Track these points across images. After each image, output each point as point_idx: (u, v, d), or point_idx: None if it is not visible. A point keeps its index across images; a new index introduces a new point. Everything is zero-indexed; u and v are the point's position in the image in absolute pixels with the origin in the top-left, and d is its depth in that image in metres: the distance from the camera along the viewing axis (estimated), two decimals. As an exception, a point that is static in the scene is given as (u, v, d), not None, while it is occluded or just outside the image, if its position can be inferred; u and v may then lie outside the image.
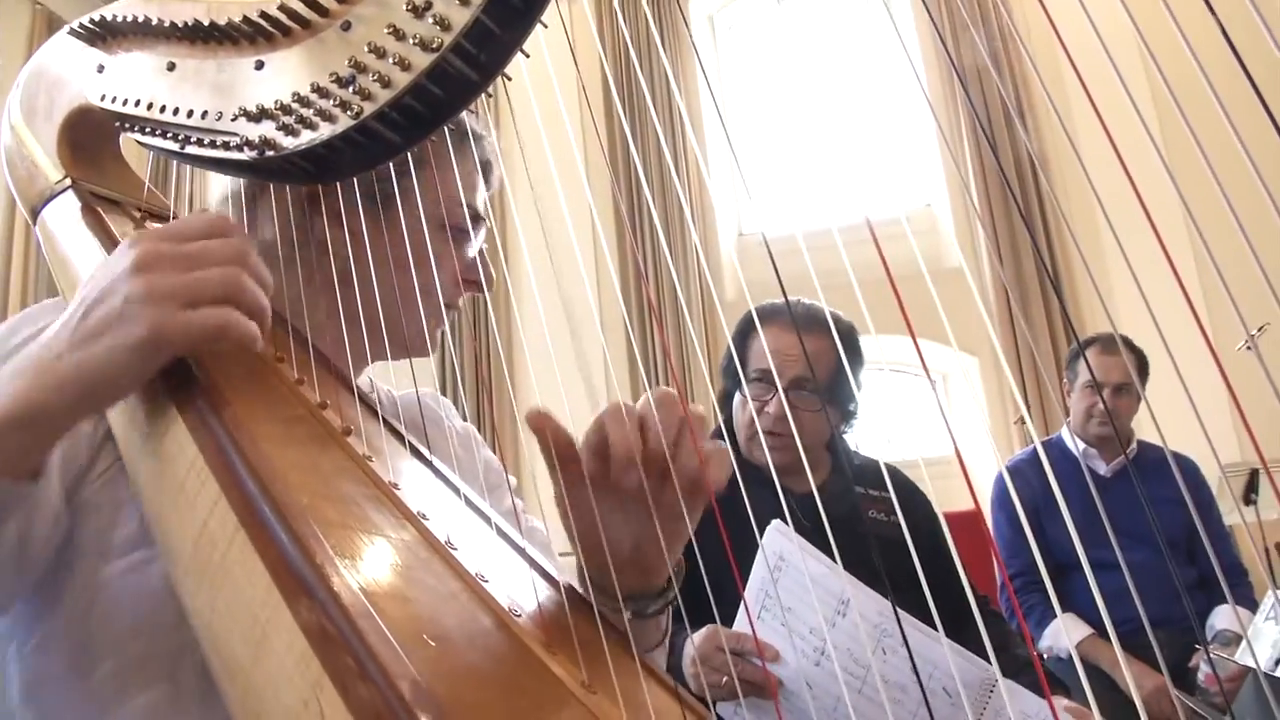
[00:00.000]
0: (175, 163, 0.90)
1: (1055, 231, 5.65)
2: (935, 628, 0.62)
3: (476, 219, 0.99)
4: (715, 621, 1.25)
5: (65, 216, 0.90)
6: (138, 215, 0.95)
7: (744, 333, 1.89)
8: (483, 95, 0.73)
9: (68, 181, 0.92)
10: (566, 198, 0.85)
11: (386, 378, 1.05)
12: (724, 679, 1.28)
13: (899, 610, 1.08)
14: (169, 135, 0.83)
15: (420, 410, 0.98)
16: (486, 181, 1.03)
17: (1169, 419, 0.74)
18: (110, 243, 0.85)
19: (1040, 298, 5.58)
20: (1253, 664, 1.93)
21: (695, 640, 1.32)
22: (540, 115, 0.78)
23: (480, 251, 1.02)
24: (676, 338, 5.90)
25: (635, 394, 1.06)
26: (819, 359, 1.81)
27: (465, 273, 0.99)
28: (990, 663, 1.15)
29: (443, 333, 1.00)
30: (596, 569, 0.79)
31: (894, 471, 1.98)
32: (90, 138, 0.95)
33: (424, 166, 0.89)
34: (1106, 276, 4.78)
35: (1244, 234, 0.48)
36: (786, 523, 1.16)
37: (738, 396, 1.89)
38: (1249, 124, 0.47)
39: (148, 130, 0.86)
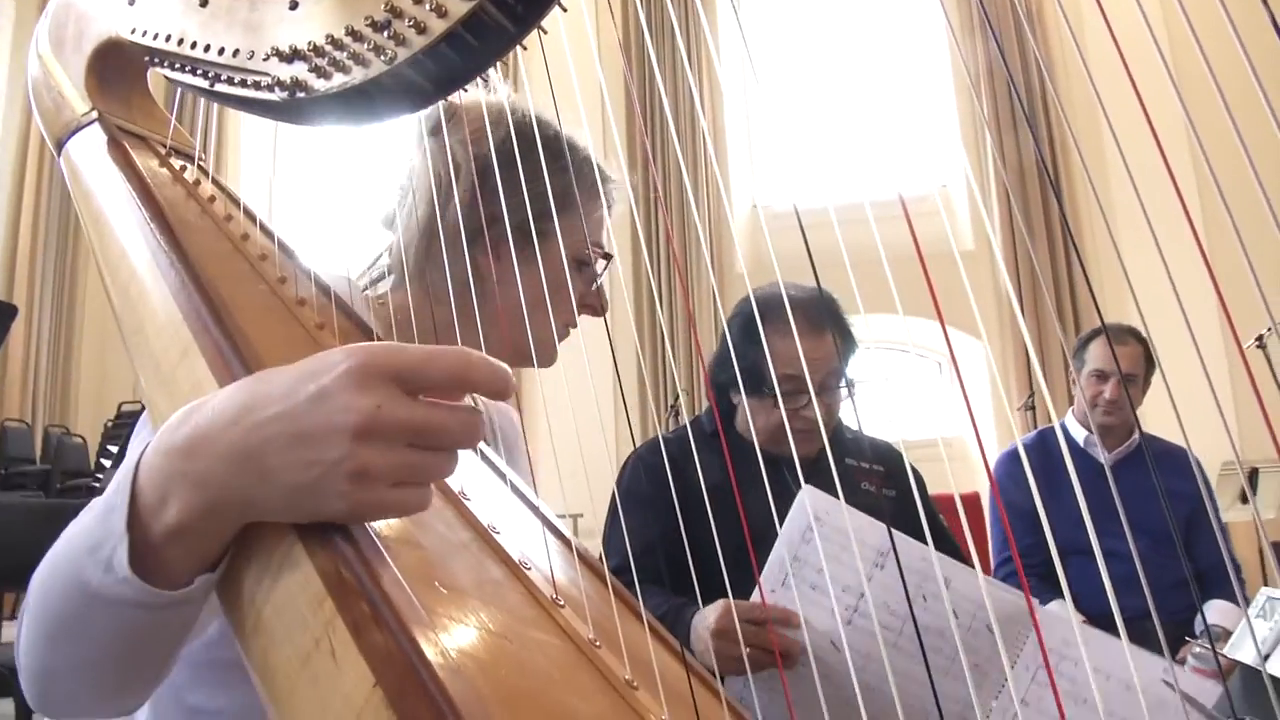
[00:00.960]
0: (203, 101, 0.89)
1: (1071, 219, 5.63)
2: None
3: (605, 256, 1.14)
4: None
5: (91, 150, 0.90)
6: (163, 151, 0.95)
7: (749, 332, 1.79)
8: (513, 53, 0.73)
9: (94, 114, 0.92)
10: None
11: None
12: (740, 651, 1.26)
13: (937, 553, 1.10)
14: (198, 72, 0.82)
15: None
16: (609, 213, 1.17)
17: (1171, 413, 0.74)
18: (135, 178, 0.85)
19: (1050, 287, 5.58)
20: (1243, 659, 1.94)
21: (709, 618, 1.31)
22: (559, 80, 0.79)
23: (600, 283, 1.15)
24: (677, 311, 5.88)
25: (643, 362, 1.11)
26: (834, 349, 1.79)
27: (586, 298, 1.13)
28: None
29: None
30: None
31: (884, 446, 1.98)
32: (118, 71, 0.94)
33: (567, 209, 1.04)
34: (1117, 271, 4.76)
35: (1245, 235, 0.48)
36: (797, 485, 1.16)
37: (754, 401, 1.81)
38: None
39: (177, 66, 0.85)
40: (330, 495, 0.54)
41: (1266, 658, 1.65)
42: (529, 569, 0.65)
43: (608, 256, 1.14)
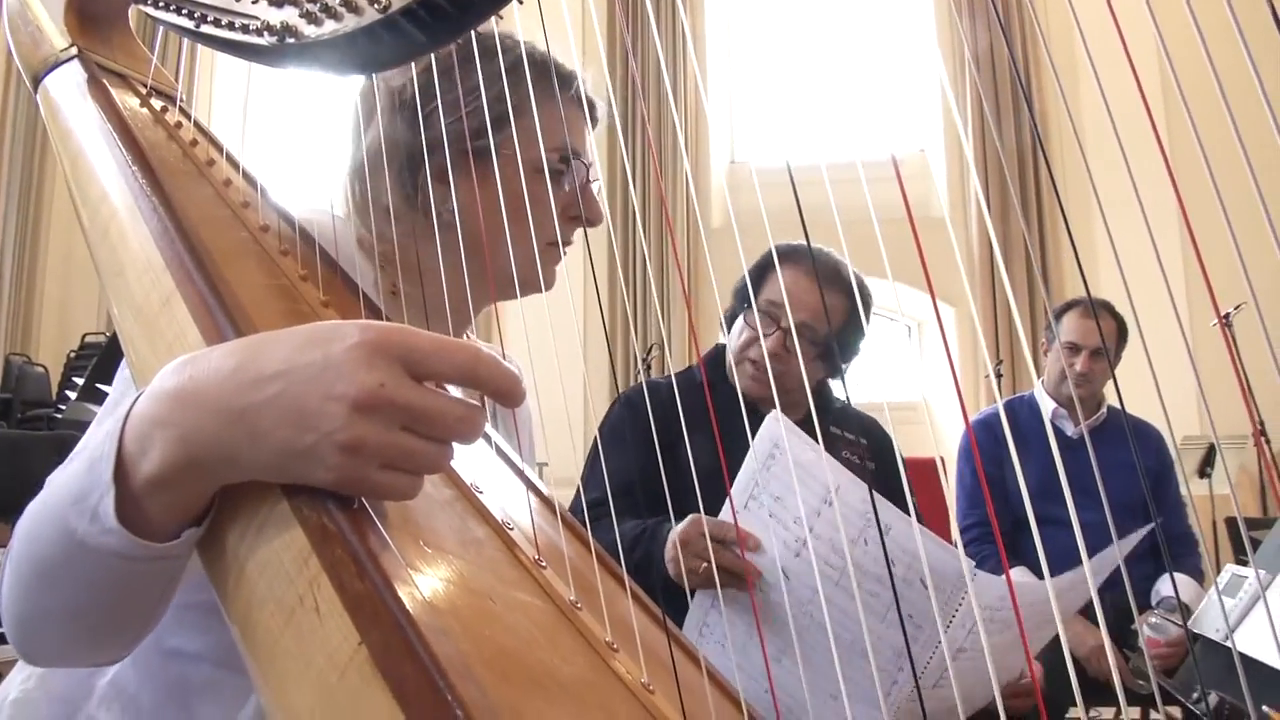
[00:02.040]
0: (180, 41, 0.87)
1: (1045, 194, 5.66)
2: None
3: (574, 158, 1.04)
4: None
5: (70, 87, 0.88)
6: (144, 91, 0.93)
7: (765, 264, 1.90)
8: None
9: (74, 50, 0.90)
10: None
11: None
12: (702, 565, 1.28)
13: (879, 497, 1.11)
14: (184, 11, 0.80)
15: None
16: (592, 119, 1.08)
17: (1138, 387, 0.75)
18: (115, 117, 0.83)
19: (1023, 257, 5.62)
20: (1203, 633, 1.99)
21: (678, 527, 1.33)
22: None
23: (586, 187, 1.06)
24: (658, 261, 5.87)
25: (615, 307, 1.10)
26: (832, 313, 1.84)
27: (569, 210, 1.05)
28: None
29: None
30: None
31: (870, 420, 2.01)
32: (100, 8, 0.92)
33: (521, 116, 0.94)
34: (1091, 244, 4.80)
35: (1227, 216, 0.48)
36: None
37: (740, 320, 1.91)
38: (1249, 118, 0.47)
39: (161, 4, 0.83)
40: (318, 464, 0.53)
41: (1231, 633, 1.69)
42: (512, 529, 0.65)
43: (576, 160, 1.05)
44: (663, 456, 0.90)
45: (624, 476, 1.68)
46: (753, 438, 1.24)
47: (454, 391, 0.58)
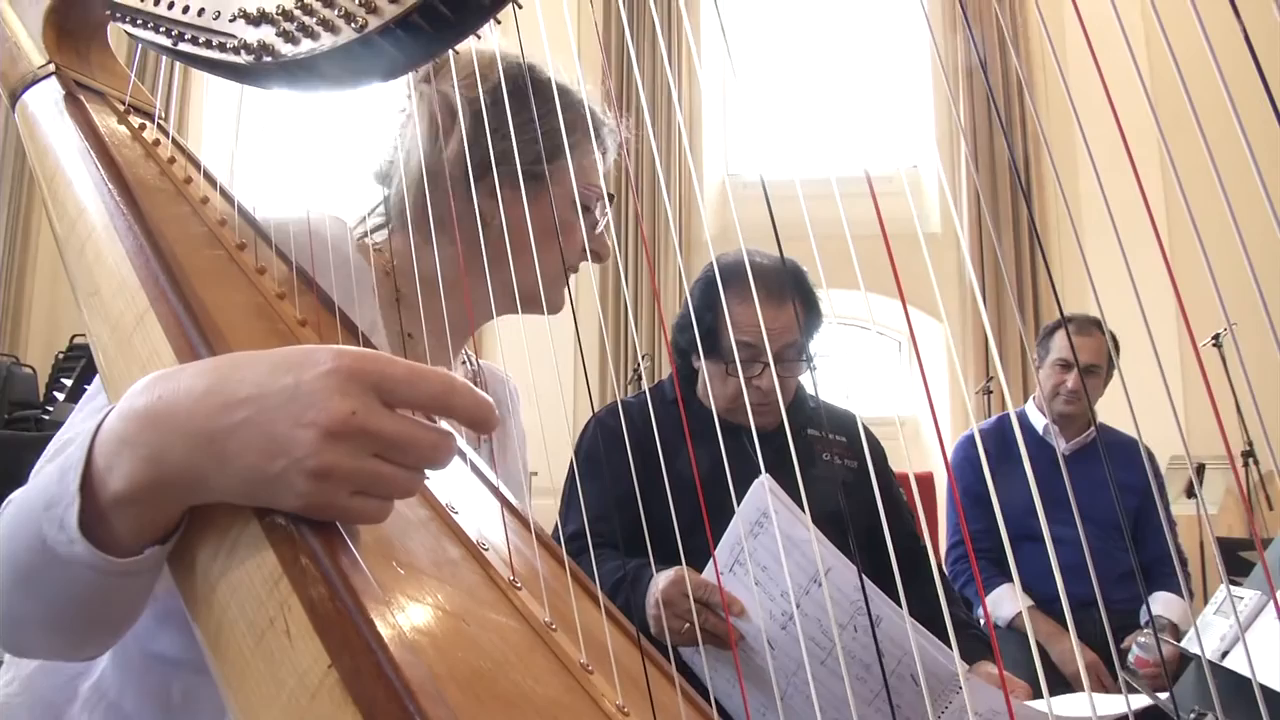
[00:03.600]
0: (165, 59, 0.87)
1: (1038, 211, 5.69)
2: (891, 574, 0.63)
3: (607, 198, 1.12)
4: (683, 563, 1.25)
5: (47, 104, 0.88)
6: (122, 109, 0.92)
7: (710, 296, 1.78)
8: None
9: (51, 67, 0.90)
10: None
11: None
12: (685, 626, 1.27)
13: (874, 588, 1.09)
14: (161, 30, 0.80)
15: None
16: (607, 163, 1.16)
17: (1126, 405, 0.75)
18: (92, 135, 0.83)
19: (1014, 274, 5.63)
20: (1199, 653, 1.98)
21: (660, 582, 1.30)
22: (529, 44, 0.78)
23: (605, 227, 1.13)
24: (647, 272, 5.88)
25: (607, 315, 1.12)
26: (795, 321, 1.76)
27: (590, 243, 1.10)
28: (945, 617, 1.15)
29: None
30: None
31: (847, 415, 1.97)
32: (78, 25, 0.92)
33: (575, 149, 1.05)
34: (1079, 265, 4.82)
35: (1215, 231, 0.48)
36: (759, 468, 1.16)
37: (712, 365, 1.80)
38: (1237, 140, 0.47)
39: (139, 22, 0.83)
40: (287, 490, 0.53)
41: (1224, 654, 1.69)
42: (486, 549, 0.65)
43: (610, 197, 1.13)
44: (640, 479, 0.89)
45: (602, 501, 1.65)
46: (728, 457, 1.23)
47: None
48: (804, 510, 1.16)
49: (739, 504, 1.22)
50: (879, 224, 0.59)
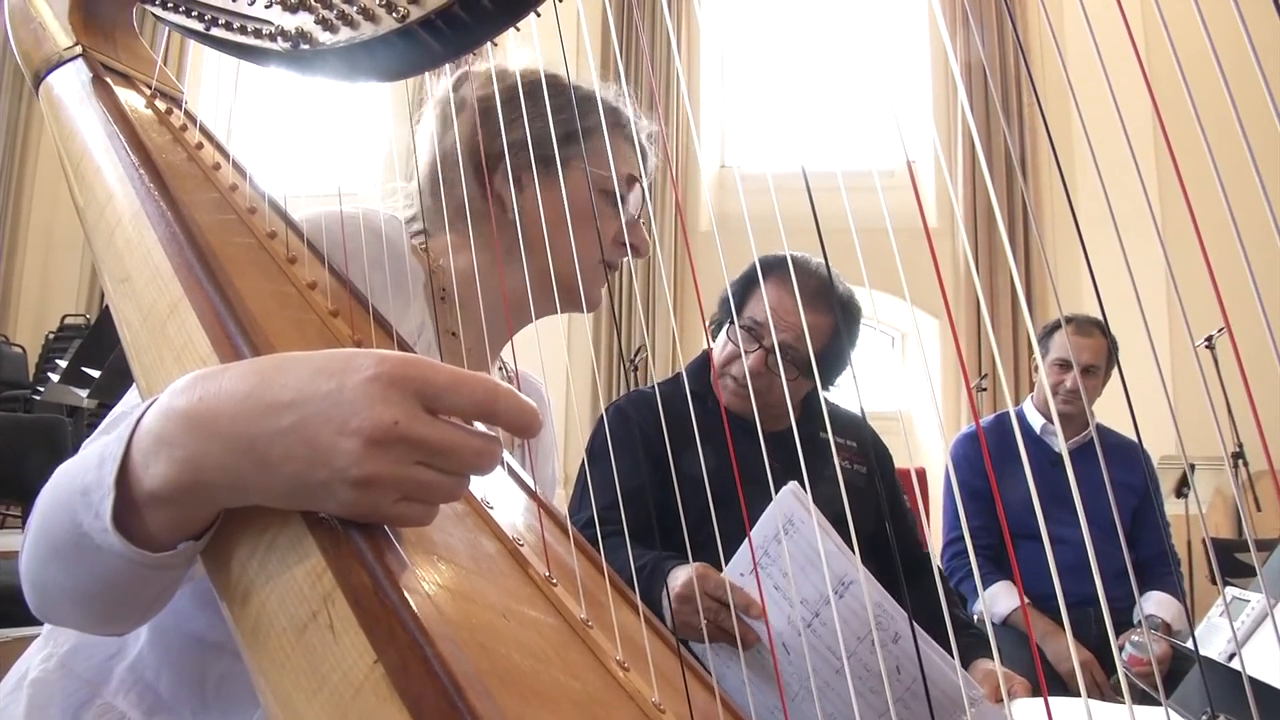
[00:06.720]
0: (193, 44, 0.86)
1: (1035, 209, 5.70)
2: (893, 578, 0.63)
3: (634, 183, 1.10)
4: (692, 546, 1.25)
5: (73, 86, 0.87)
6: (149, 92, 0.92)
7: (750, 278, 1.86)
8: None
9: (78, 49, 0.89)
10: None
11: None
12: (701, 623, 1.26)
13: (895, 604, 1.09)
14: (193, 14, 0.80)
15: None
16: (644, 165, 1.14)
17: (1122, 405, 0.75)
18: (121, 119, 0.82)
19: (1007, 272, 5.64)
20: (1208, 654, 1.99)
21: (680, 577, 1.30)
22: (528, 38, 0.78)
23: (638, 220, 1.11)
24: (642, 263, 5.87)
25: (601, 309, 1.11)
26: (815, 333, 1.79)
27: (618, 236, 1.08)
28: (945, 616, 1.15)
29: None
30: None
31: (860, 421, 1.99)
32: (105, 7, 0.91)
33: (591, 136, 1.02)
34: (1076, 263, 4.83)
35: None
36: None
37: (723, 333, 1.88)
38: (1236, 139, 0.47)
39: (169, 5, 0.82)
40: (330, 497, 0.52)
41: (1232, 657, 1.70)
42: (522, 545, 0.65)
43: (633, 179, 1.11)
44: (657, 468, 0.89)
45: (630, 483, 1.65)
46: (735, 450, 1.24)
47: None
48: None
49: (746, 502, 1.22)
50: (884, 219, 0.59)
